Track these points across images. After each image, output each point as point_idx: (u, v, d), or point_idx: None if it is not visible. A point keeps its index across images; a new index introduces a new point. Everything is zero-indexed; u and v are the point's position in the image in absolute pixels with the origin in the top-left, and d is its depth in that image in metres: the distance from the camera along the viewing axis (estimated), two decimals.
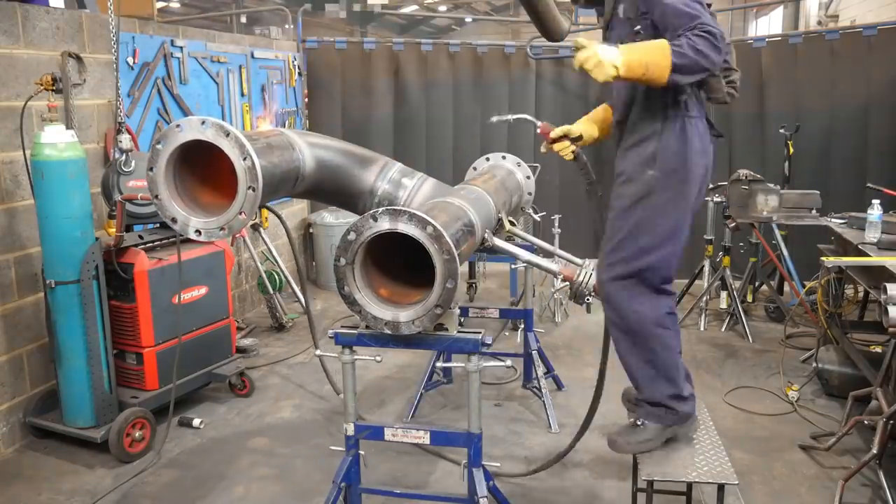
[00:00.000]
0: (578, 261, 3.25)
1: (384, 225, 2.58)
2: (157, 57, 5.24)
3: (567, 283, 3.13)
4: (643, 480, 2.81)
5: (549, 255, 3.85)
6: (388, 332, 2.69)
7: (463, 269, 3.26)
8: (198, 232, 2.60)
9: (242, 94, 6.26)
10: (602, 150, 7.66)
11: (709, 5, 2.61)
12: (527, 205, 4.62)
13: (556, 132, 3.00)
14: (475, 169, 4.56)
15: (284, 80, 7.02)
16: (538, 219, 4.73)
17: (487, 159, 4.58)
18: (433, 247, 2.54)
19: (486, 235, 3.26)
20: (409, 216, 2.55)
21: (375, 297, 2.73)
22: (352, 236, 2.63)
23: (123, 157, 4.25)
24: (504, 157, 4.61)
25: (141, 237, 4.30)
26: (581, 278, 3.09)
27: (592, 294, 3.09)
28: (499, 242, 3.30)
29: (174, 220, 2.59)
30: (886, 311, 3.32)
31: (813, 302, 5.25)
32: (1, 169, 4.02)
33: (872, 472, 3.55)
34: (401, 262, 2.86)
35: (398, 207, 2.59)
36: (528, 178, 4.56)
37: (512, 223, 3.80)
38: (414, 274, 2.79)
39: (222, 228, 2.56)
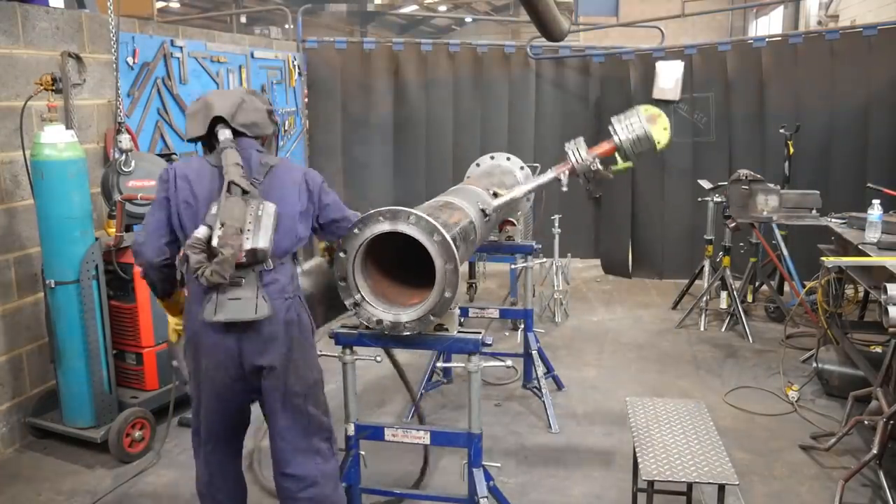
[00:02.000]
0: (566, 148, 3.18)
1: (383, 227, 2.58)
2: (156, 57, 5.24)
3: (571, 175, 3.06)
4: (643, 480, 2.82)
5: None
6: (390, 332, 2.69)
7: (463, 269, 3.25)
8: None
9: None
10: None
11: None
12: (529, 200, 4.63)
13: None
14: (469, 177, 4.59)
15: (284, 80, 7.02)
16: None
17: (478, 165, 4.61)
18: (433, 246, 2.54)
19: (485, 210, 3.24)
20: (398, 214, 2.57)
21: (377, 298, 2.73)
22: (357, 230, 2.64)
23: (123, 157, 4.24)
24: (492, 157, 4.64)
25: None
26: (575, 158, 3.03)
27: (596, 164, 3.02)
28: (499, 201, 3.25)
29: None
30: (886, 311, 3.31)
31: (813, 302, 5.24)
32: (1, 169, 4.02)
33: (872, 472, 3.55)
34: (401, 267, 2.86)
35: (395, 208, 2.59)
36: (522, 168, 4.57)
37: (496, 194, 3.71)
38: (415, 278, 2.79)
39: None
